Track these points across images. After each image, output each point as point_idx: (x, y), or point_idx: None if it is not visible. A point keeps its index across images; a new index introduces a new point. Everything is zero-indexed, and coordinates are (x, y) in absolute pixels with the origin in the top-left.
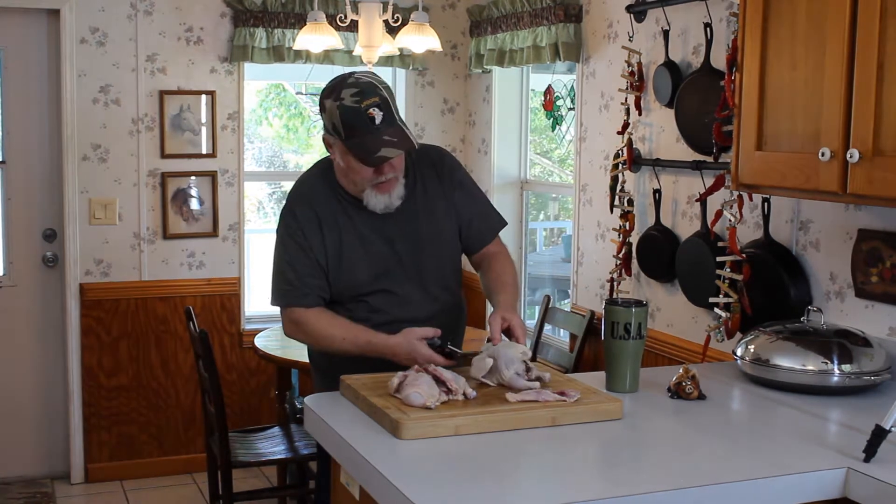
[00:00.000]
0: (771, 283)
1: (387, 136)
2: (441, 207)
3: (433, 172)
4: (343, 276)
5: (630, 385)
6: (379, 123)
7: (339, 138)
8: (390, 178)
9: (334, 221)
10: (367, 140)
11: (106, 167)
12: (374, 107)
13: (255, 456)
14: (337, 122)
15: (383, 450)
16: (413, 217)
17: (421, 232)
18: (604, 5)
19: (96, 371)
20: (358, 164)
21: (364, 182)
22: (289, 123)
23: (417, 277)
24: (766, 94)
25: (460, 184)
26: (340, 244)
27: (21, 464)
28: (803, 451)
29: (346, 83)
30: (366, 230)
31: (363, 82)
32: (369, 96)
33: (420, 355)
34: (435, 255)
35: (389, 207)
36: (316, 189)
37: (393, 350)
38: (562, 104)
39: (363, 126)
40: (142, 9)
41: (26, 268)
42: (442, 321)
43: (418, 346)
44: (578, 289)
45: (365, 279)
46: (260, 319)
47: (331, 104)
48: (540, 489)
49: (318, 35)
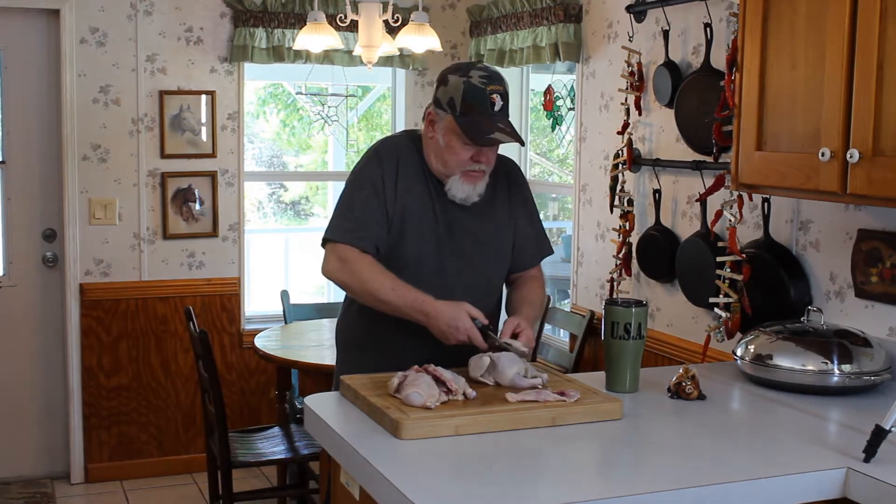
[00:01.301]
0: (771, 284)
1: (500, 124)
2: (504, 217)
3: (506, 182)
4: (399, 241)
5: (630, 385)
6: (497, 110)
7: (451, 113)
8: (483, 169)
9: (414, 185)
10: (482, 121)
11: (106, 167)
12: (497, 94)
13: (255, 456)
14: (457, 97)
15: (383, 450)
16: (480, 217)
17: (483, 232)
18: (604, 5)
19: (96, 371)
20: (459, 144)
21: (457, 165)
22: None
23: (465, 273)
24: (766, 94)
25: (525, 201)
26: (410, 209)
27: (21, 464)
28: (803, 451)
29: (476, 65)
30: (432, 211)
31: (492, 70)
32: (496, 83)
33: (463, 325)
34: (488, 259)
35: (469, 199)
36: (406, 149)
37: (438, 313)
38: (562, 104)
39: (482, 107)
40: (142, 9)
41: (26, 268)
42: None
43: (464, 317)
44: (578, 289)
45: (417, 253)
46: (260, 319)
47: (456, 79)
48: (540, 489)
49: (318, 35)
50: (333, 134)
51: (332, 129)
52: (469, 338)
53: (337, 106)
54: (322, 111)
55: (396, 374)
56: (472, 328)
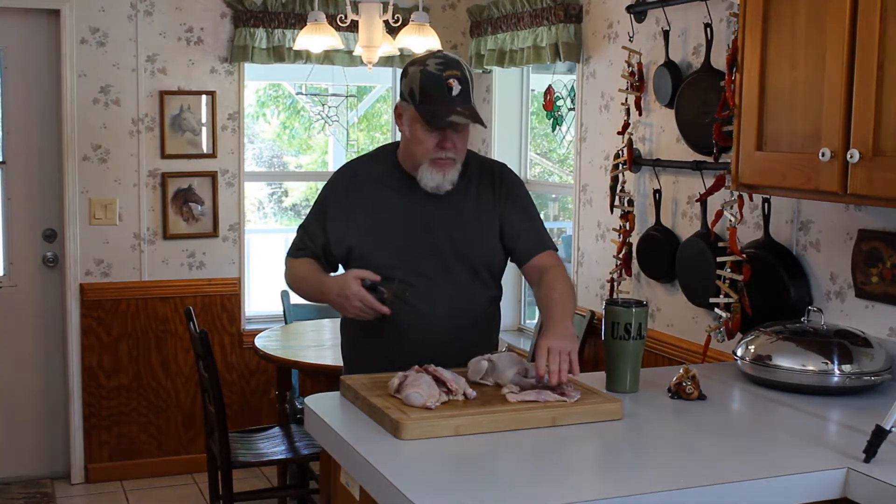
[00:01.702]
0: (771, 284)
1: (459, 108)
2: (488, 218)
3: (490, 184)
4: (368, 253)
5: (630, 385)
6: (455, 95)
7: (412, 104)
8: (450, 156)
9: (373, 199)
10: (440, 106)
11: (106, 167)
12: (454, 78)
13: (255, 456)
14: (415, 86)
15: (383, 450)
16: (459, 213)
17: (462, 230)
18: (604, 5)
19: (96, 371)
20: (423, 133)
21: (425, 154)
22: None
23: (446, 272)
24: (766, 94)
25: (516, 198)
26: (372, 222)
27: (21, 464)
28: (803, 451)
29: (435, 54)
30: (406, 215)
31: (450, 57)
32: (452, 68)
33: (351, 291)
34: (472, 258)
35: (440, 188)
36: (363, 167)
37: (329, 288)
38: (562, 104)
39: (439, 93)
40: (142, 9)
41: (26, 268)
42: (461, 323)
43: (351, 282)
44: (578, 289)
45: (390, 261)
46: (260, 319)
47: (414, 70)
48: (540, 489)
49: (318, 35)
50: (334, 134)
51: (333, 129)
52: (362, 301)
53: (337, 106)
54: (322, 111)
55: (396, 375)
56: (359, 291)
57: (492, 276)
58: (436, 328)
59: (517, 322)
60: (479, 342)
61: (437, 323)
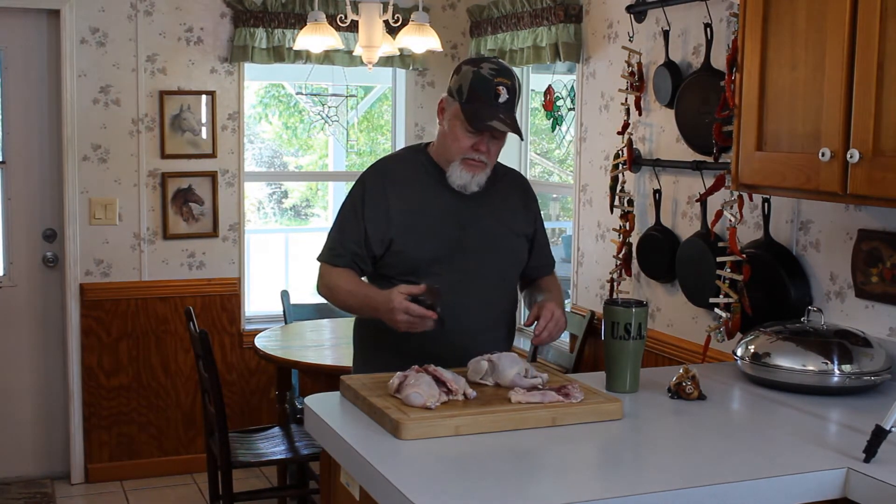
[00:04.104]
0: (771, 284)
1: (502, 115)
2: (519, 222)
3: (522, 196)
4: (406, 247)
5: (630, 385)
6: (501, 102)
7: (457, 100)
8: (482, 159)
9: (407, 194)
10: (484, 109)
11: (106, 167)
12: (503, 86)
13: (255, 456)
14: (465, 84)
15: (383, 450)
16: (489, 214)
17: (492, 230)
18: (604, 5)
19: (96, 371)
20: (461, 131)
21: (457, 151)
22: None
23: (476, 271)
24: (766, 94)
25: (538, 215)
26: (409, 216)
27: (21, 464)
28: (803, 451)
29: (490, 59)
30: (440, 210)
31: (505, 67)
32: (504, 76)
33: (397, 304)
34: (499, 256)
35: (467, 188)
36: (395, 164)
37: (378, 304)
38: (562, 104)
39: (486, 97)
40: (142, 9)
41: (26, 268)
42: (488, 321)
43: (396, 296)
44: (578, 289)
45: (424, 257)
46: (260, 319)
47: (467, 69)
48: (540, 489)
49: (318, 35)
50: (334, 134)
51: (333, 129)
52: (408, 312)
53: (337, 106)
54: (322, 111)
55: (396, 374)
56: (404, 303)
57: (516, 279)
58: (467, 321)
59: (517, 322)
60: (504, 339)
61: (468, 316)
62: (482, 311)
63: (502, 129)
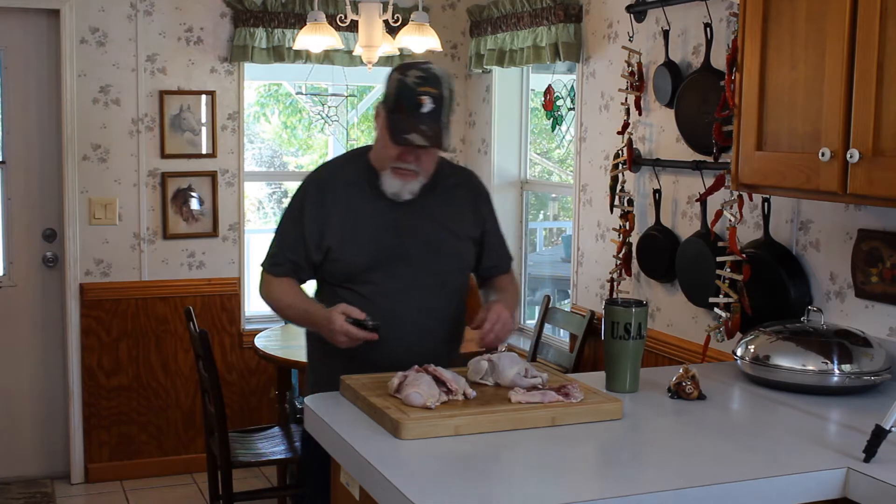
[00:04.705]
0: (771, 283)
1: (423, 126)
2: (465, 225)
3: (467, 193)
4: (344, 256)
5: (630, 385)
6: (423, 112)
7: (385, 109)
8: (410, 169)
9: (346, 203)
10: (405, 120)
11: (106, 167)
12: (427, 95)
13: (255, 456)
14: (391, 93)
15: (383, 450)
16: (430, 220)
17: (434, 236)
18: (604, 5)
19: (96, 371)
20: (389, 141)
21: (387, 160)
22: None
23: (417, 278)
24: (766, 94)
25: (491, 212)
26: (348, 224)
27: (21, 464)
28: (803, 451)
29: (419, 66)
30: (379, 218)
31: (433, 73)
32: (430, 85)
33: (337, 326)
34: (442, 262)
35: (399, 196)
36: (335, 171)
37: (317, 319)
38: (562, 104)
39: (409, 107)
40: (142, 9)
41: (26, 268)
42: (432, 326)
43: (336, 317)
44: (578, 289)
45: (363, 263)
46: (260, 319)
47: (396, 76)
48: (540, 489)
49: (318, 35)
50: (333, 134)
51: (333, 129)
52: (347, 335)
53: (337, 106)
54: (322, 111)
55: (396, 374)
56: (344, 326)
57: (462, 284)
58: (404, 328)
59: (517, 322)
60: (447, 346)
61: (406, 323)
62: (422, 319)
63: (419, 144)
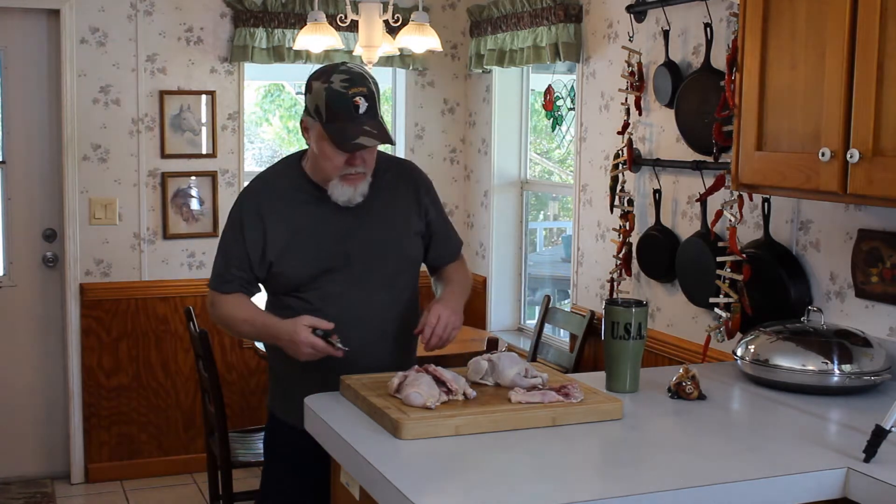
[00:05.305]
0: (771, 283)
1: (367, 127)
2: (408, 221)
3: (407, 187)
4: (285, 269)
5: (630, 385)
6: (362, 113)
7: (319, 121)
8: (360, 171)
9: (284, 215)
10: (348, 126)
11: (106, 167)
12: (360, 96)
13: (255, 456)
14: (321, 104)
15: (383, 450)
16: (372, 221)
17: (377, 237)
18: (604, 5)
19: (96, 371)
20: (332, 151)
21: (334, 171)
22: (288, 124)
23: (363, 280)
24: (766, 94)
25: (435, 201)
26: (286, 237)
27: (21, 464)
28: (803, 451)
29: (337, 69)
30: (318, 226)
31: (354, 71)
32: (358, 85)
33: (301, 338)
34: (388, 263)
35: (351, 201)
36: (270, 183)
37: (279, 332)
38: (562, 104)
39: (346, 112)
40: (142, 9)
41: (26, 268)
42: (384, 328)
43: (300, 329)
44: (578, 289)
45: (306, 273)
46: None
47: (318, 86)
48: (540, 489)
49: (318, 35)
50: None
51: None
52: (313, 347)
53: None
54: None
55: (396, 374)
56: (310, 339)
57: (411, 279)
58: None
59: (517, 322)
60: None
61: (354, 328)
62: (370, 323)
63: (371, 144)
